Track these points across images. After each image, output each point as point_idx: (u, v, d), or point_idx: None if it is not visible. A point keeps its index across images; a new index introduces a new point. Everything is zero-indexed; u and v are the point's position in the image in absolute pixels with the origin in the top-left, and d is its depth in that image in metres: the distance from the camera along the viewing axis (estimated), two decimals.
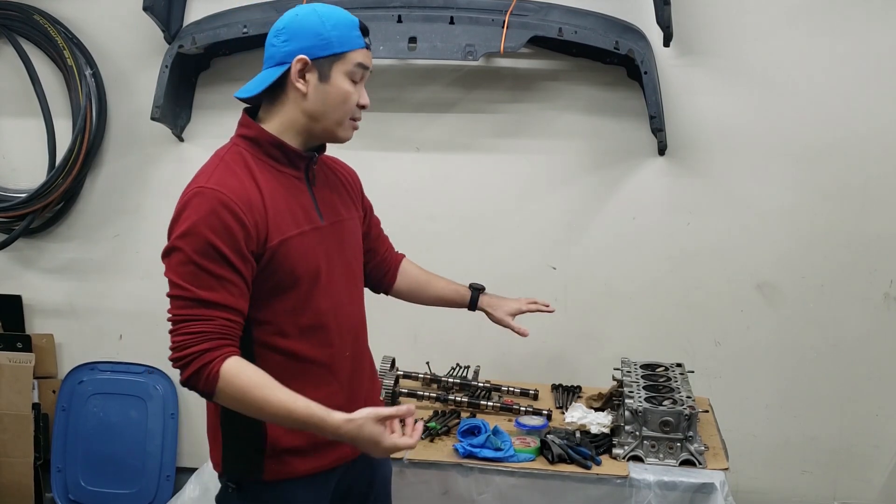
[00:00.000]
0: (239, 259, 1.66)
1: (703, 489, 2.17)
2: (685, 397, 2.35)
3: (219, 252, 1.64)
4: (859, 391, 3.06)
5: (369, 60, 1.80)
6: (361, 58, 1.77)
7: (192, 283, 1.64)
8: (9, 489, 3.33)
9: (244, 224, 1.66)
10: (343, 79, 1.76)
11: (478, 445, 2.27)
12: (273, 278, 1.72)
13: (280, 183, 1.77)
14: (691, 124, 2.99)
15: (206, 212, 1.65)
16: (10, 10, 3.22)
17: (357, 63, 1.76)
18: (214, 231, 1.64)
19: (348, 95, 1.77)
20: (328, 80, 1.75)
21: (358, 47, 1.77)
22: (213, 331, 1.64)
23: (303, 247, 1.75)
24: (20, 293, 3.44)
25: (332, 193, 1.89)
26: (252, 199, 1.69)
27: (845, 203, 2.97)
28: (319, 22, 1.75)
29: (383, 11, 2.91)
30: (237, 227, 1.66)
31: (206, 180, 1.70)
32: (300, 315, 1.76)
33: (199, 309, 1.64)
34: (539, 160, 3.11)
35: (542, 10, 2.90)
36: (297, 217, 1.76)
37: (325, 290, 1.79)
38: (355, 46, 1.77)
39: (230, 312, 1.66)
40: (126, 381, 3.39)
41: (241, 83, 3.17)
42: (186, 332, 1.64)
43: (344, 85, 1.76)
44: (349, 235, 1.91)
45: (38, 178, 3.28)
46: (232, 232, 1.65)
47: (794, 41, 2.91)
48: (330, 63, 1.74)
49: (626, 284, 3.11)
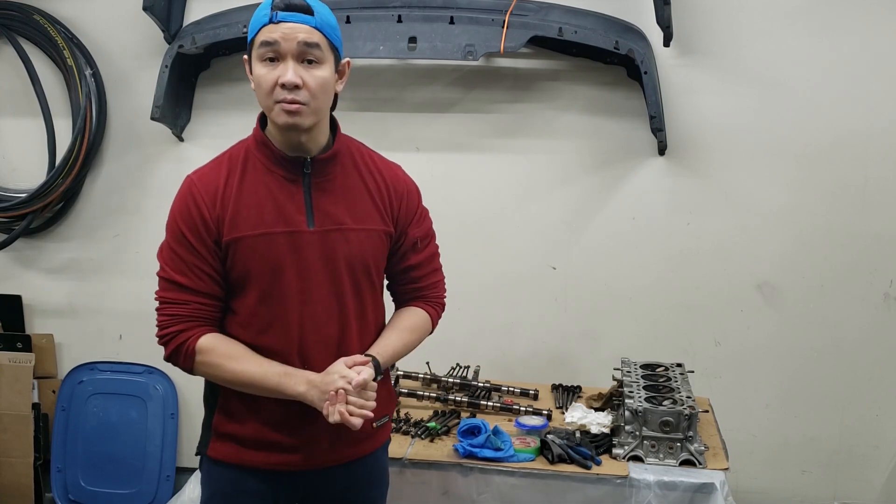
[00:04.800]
0: (204, 248, 1.75)
1: (703, 489, 2.17)
2: (685, 397, 2.35)
3: (186, 239, 1.75)
4: (859, 391, 3.06)
5: (278, 34, 1.66)
6: (264, 35, 1.67)
7: (170, 266, 1.78)
8: (9, 489, 3.33)
9: (204, 215, 1.74)
10: (257, 64, 1.71)
11: (478, 445, 2.27)
12: (232, 272, 1.78)
13: (266, 183, 1.76)
14: (691, 124, 2.99)
15: (179, 199, 1.78)
16: (10, 10, 3.22)
17: (261, 42, 1.68)
18: (183, 218, 1.76)
19: (260, 78, 1.69)
20: (252, 72, 1.73)
21: (260, 25, 1.68)
22: (187, 314, 1.77)
23: (261, 247, 1.75)
24: (20, 293, 3.44)
25: (339, 199, 1.80)
26: (218, 193, 1.75)
27: (845, 203, 2.97)
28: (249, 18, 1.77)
29: (383, 11, 2.91)
30: (198, 217, 1.75)
31: (194, 171, 1.81)
32: (259, 313, 1.78)
33: (175, 292, 1.78)
34: (539, 160, 3.11)
35: (542, 10, 2.90)
36: (268, 218, 1.75)
37: (290, 296, 1.76)
38: (259, 25, 1.69)
39: (201, 296, 1.77)
40: (126, 381, 3.38)
41: (241, 83, 3.22)
42: (165, 313, 1.80)
43: (257, 69, 1.71)
44: (347, 245, 1.80)
45: (38, 178, 3.28)
46: (195, 221, 1.75)
47: (793, 41, 2.91)
48: (251, 55, 1.73)
49: (626, 284, 3.11)
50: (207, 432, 1.87)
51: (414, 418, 2.50)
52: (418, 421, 2.48)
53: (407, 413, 2.53)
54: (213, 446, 1.86)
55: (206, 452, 1.87)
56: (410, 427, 2.44)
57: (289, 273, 1.76)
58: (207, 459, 1.88)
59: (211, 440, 1.86)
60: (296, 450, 1.82)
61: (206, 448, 1.87)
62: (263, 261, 1.75)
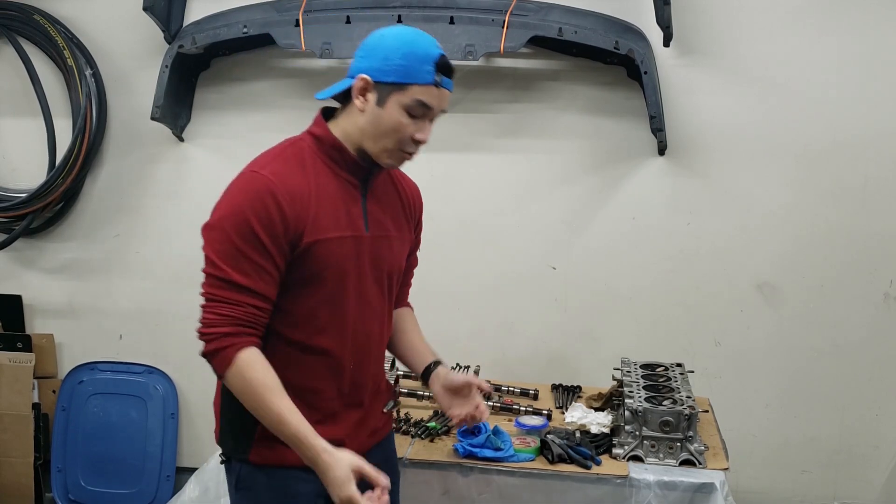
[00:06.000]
0: (276, 248, 1.70)
1: (703, 489, 2.17)
2: (685, 397, 2.35)
3: (258, 238, 1.68)
4: (859, 391, 3.06)
5: (436, 100, 1.75)
6: (423, 94, 1.73)
7: (229, 264, 1.69)
8: (9, 489, 3.33)
9: (285, 215, 1.69)
10: (398, 109, 1.73)
11: (478, 445, 2.27)
12: (300, 272, 1.74)
13: (334, 185, 1.78)
14: (691, 124, 2.99)
15: (253, 196, 1.69)
16: (10, 10, 3.22)
17: (416, 99, 1.73)
18: (258, 216, 1.68)
19: (399, 126, 1.74)
20: (383, 106, 1.74)
21: (422, 83, 1.73)
22: (239, 317, 1.69)
23: (337, 251, 1.77)
24: (20, 293, 3.44)
25: (385, 208, 1.88)
26: (299, 192, 1.72)
27: (845, 203, 2.97)
28: (394, 47, 1.74)
29: (383, 11, 2.92)
30: (278, 217, 1.68)
31: (261, 167, 1.73)
32: (318, 313, 1.78)
33: (230, 292, 1.69)
34: (539, 160, 3.11)
35: (542, 10, 2.90)
36: (341, 221, 1.77)
37: (350, 298, 1.80)
38: (419, 81, 1.72)
39: (259, 300, 1.70)
40: (126, 381, 3.39)
41: (241, 83, 3.23)
42: (215, 312, 1.70)
43: (396, 115, 1.73)
44: (391, 252, 1.89)
45: (38, 178, 3.28)
46: (273, 220, 1.68)
47: (794, 41, 2.91)
48: (389, 90, 1.73)
49: (626, 284, 3.11)
50: (246, 438, 1.79)
51: (414, 418, 2.50)
52: (418, 421, 2.48)
53: (407, 413, 2.53)
54: (256, 451, 1.79)
55: (248, 458, 1.79)
56: (410, 427, 2.44)
57: (351, 276, 1.80)
58: (247, 466, 1.81)
59: (253, 445, 1.79)
60: (341, 442, 1.78)
61: (247, 454, 1.79)
62: (336, 263, 1.77)
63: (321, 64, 3.12)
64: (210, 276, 1.72)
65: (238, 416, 1.79)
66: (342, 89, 1.79)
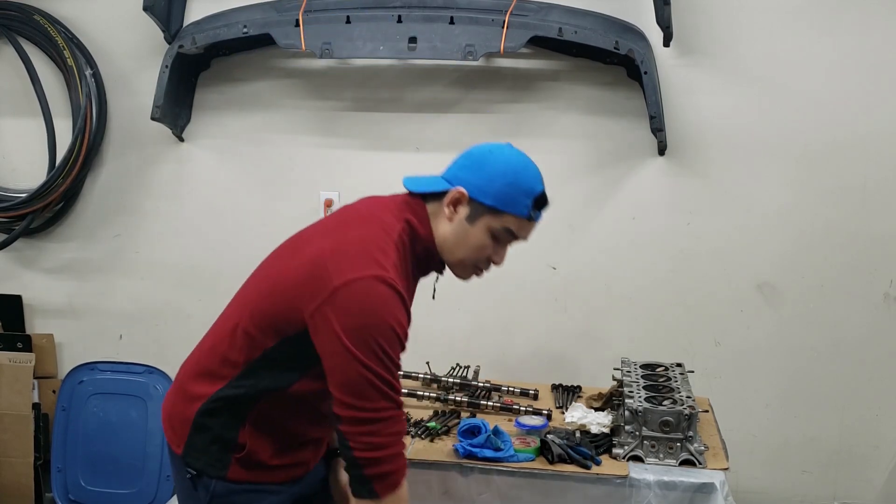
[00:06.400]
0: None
1: (703, 489, 2.17)
2: (685, 397, 2.35)
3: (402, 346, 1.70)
4: (859, 391, 3.06)
5: (524, 232, 1.82)
6: (515, 226, 1.78)
7: (393, 377, 1.67)
8: (9, 489, 3.33)
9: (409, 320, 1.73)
10: (486, 232, 1.78)
11: (478, 445, 2.27)
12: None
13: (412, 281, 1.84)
14: (691, 124, 2.99)
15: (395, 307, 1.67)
16: (10, 10, 3.22)
17: (506, 227, 1.78)
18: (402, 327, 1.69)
19: (483, 247, 1.80)
20: (473, 224, 1.78)
21: (517, 215, 1.77)
22: (403, 431, 1.72)
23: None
24: (20, 293, 3.44)
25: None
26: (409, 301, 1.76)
27: (845, 203, 2.97)
28: (500, 172, 1.77)
29: (383, 11, 2.91)
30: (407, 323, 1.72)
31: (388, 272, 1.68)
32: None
33: (396, 409, 1.68)
34: (539, 160, 3.06)
35: (542, 10, 2.90)
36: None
37: None
38: (515, 213, 1.78)
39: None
40: (126, 381, 3.38)
41: (241, 83, 3.23)
42: (390, 431, 1.68)
43: (483, 237, 1.78)
44: None
45: (38, 178, 3.28)
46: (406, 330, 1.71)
47: (794, 41, 2.91)
48: (483, 211, 1.77)
49: (626, 284, 3.11)
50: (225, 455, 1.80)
51: (414, 418, 2.50)
52: (418, 421, 2.48)
53: (407, 413, 2.53)
54: (235, 470, 1.80)
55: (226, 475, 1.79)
56: (410, 427, 2.44)
57: None
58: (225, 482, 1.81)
59: (233, 464, 1.79)
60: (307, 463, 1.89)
61: (225, 471, 1.79)
62: None
63: (321, 64, 3.12)
64: (379, 391, 1.66)
65: (221, 434, 1.78)
66: (434, 189, 1.81)
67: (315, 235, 1.82)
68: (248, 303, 1.80)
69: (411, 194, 1.85)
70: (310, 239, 1.81)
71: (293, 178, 3.23)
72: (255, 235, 3.25)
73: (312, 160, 3.21)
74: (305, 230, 1.89)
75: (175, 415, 1.86)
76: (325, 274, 1.66)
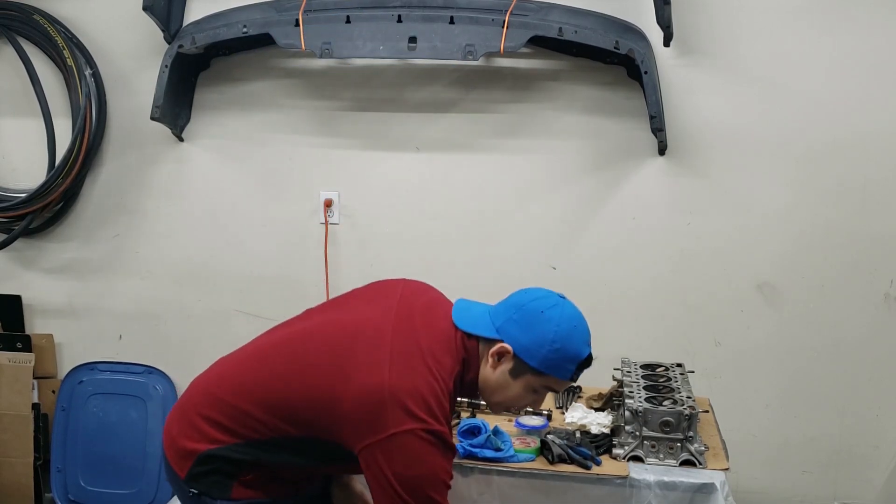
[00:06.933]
0: None
1: (704, 489, 2.17)
2: (685, 397, 2.35)
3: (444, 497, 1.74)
4: (859, 391, 3.05)
5: (563, 387, 1.93)
6: (556, 385, 1.86)
7: None
8: (9, 489, 3.33)
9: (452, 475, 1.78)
10: (527, 388, 1.83)
11: (478, 445, 2.27)
12: None
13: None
14: (691, 124, 2.99)
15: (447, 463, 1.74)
16: (10, 10, 3.22)
17: (547, 386, 1.85)
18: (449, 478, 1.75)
19: (521, 399, 1.86)
20: (515, 378, 1.81)
21: (560, 377, 1.82)
22: None
23: None
24: (20, 293, 3.44)
25: None
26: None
27: (845, 203, 2.97)
28: (549, 339, 1.78)
29: (383, 11, 2.91)
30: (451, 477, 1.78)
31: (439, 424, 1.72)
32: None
33: None
34: (539, 160, 3.11)
35: (542, 10, 2.90)
36: None
37: None
38: (558, 377, 1.82)
39: None
40: (126, 381, 3.38)
41: (241, 83, 3.22)
42: None
43: (523, 392, 1.83)
44: None
45: (38, 178, 3.28)
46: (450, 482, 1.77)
47: (794, 41, 2.91)
48: (526, 370, 1.79)
49: (626, 284, 3.11)
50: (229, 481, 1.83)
51: None
52: None
53: None
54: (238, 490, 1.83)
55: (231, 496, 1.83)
56: None
57: None
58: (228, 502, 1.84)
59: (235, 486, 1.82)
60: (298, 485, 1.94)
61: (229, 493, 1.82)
62: None
63: (321, 64, 3.12)
64: None
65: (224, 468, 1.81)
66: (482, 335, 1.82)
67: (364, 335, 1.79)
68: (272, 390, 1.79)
69: (467, 335, 1.84)
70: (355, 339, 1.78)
71: (293, 178, 3.24)
72: (255, 235, 3.25)
73: (312, 160, 3.21)
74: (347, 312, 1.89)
75: (178, 442, 1.87)
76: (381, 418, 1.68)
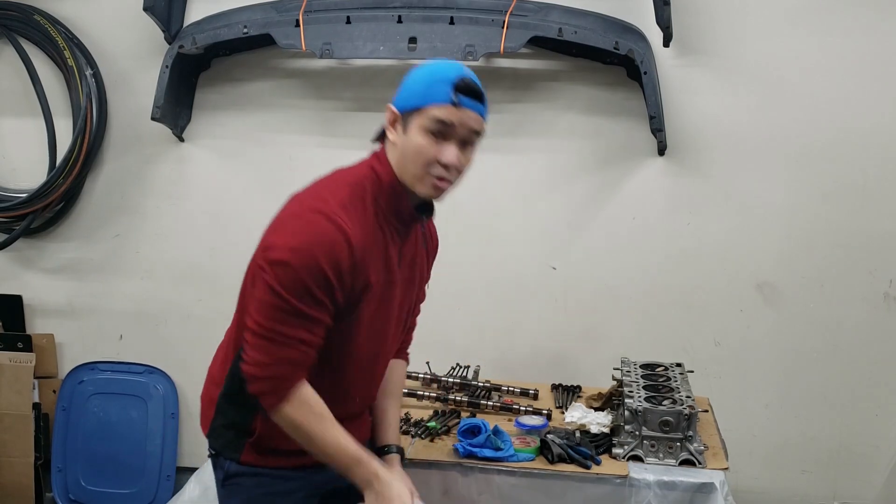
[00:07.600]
0: (340, 292, 1.69)
1: (703, 489, 2.17)
2: (685, 397, 2.35)
3: (327, 281, 1.66)
4: (859, 391, 3.06)
5: (456, 118, 1.71)
6: (441, 113, 1.70)
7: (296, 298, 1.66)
8: (9, 489, 3.33)
9: (355, 269, 1.69)
10: (418, 132, 1.71)
11: (478, 445, 2.27)
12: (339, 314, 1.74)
13: (385, 227, 1.78)
14: (691, 124, 2.99)
15: (327, 240, 1.66)
16: (10, 10, 3.22)
17: (434, 118, 1.70)
18: (331, 264, 1.66)
19: (420, 149, 1.70)
20: (407, 132, 1.73)
21: (438, 102, 1.70)
22: (296, 359, 1.70)
23: (378, 295, 1.78)
24: (20, 293, 3.44)
25: (417, 250, 1.91)
26: (365, 245, 1.71)
27: (845, 203, 2.97)
28: (417, 77, 1.75)
29: (383, 11, 2.92)
30: (349, 270, 1.68)
31: (333, 211, 1.68)
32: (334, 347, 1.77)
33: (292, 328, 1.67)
34: (539, 160, 3.11)
35: (542, 10, 2.91)
36: (383, 264, 1.78)
37: (374, 337, 1.84)
38: (435, 101, 1.70)
39: (313, 348, 1.71)
40: (126, 381, 3.39)
41: (241, 83, 3.23)
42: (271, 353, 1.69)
43: (417, 138, 1.71)
44: (412, 292, 1.94)
45: (38, 178, 3.28)
46: (343, 273, 1.68)
47: (794, 41, 2.91)
48: (410, 116, 1.73)
49: (626, 284, 3.11)
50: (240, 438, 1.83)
51: (414, 418, 2.50)
52: (418, 421, 2.48)
53: (407, 413, 2.53)
54: (248, 453, 1.83)
55: (239, 458, 1.83)
56: (410, 427, 2.44)
57: (382, 317, 1.83)
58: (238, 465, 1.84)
59: (246, 447, 1.83)
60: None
61: (239, 454, 1.83)
62: (373, 307, 1.78)
63: (321, 64, 3.12)
64: (273, 308, 1.67)
65: (236, 419, 1.83)
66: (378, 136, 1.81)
67: None
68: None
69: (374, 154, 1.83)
70: None
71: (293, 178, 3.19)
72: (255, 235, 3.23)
73: (312, 160, 3.21)
74: None
75: (204, 395, 1.92)
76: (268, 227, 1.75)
